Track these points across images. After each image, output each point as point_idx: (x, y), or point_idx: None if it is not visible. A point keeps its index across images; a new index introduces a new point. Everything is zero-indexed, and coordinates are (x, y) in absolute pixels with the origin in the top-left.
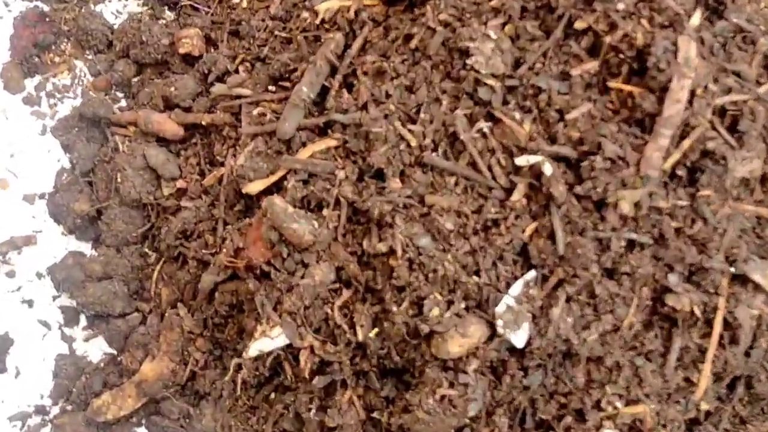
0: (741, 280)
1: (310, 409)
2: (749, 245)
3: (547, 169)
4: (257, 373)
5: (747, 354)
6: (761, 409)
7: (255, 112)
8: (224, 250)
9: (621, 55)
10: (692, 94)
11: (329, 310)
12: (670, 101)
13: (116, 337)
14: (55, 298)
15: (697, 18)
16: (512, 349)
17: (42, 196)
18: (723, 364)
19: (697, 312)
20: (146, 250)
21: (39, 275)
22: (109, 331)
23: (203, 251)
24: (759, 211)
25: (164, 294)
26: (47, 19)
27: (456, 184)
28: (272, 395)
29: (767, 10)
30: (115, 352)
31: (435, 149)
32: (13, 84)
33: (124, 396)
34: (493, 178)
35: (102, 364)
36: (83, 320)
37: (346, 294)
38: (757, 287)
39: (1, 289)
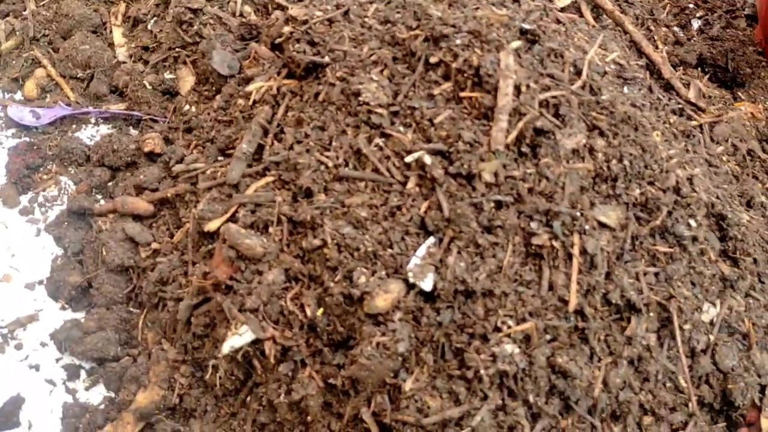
0: (589, 221)
1: (279, 394)
2: (590, 197)
3: (427, 159)
4: (232, 375)
5: (608, 276)
6: (627, 318)
7: (209, 173)
8: (195, 276)
9: (465, 75)
10: (518, 90)
11: (283, 302)
12: (500, 95)
13: (113, 379)
14: (57, 360)
15: (515, 44)
16: (426, 298)
17: (41, 282)
18: (587, 285)
19: (557, 246)
20: (131, 308)
21: (43, 344)
22: (107, 374)
23: (178, 291)
24: (586, 166)
25: (149, 337)
26: (35, 147)
27: (366, 186)
28: (248, 398)
29: (575, 39)
30: (113, 394)
31: (346, 165)
32: (10, 200)
33: (123, 424)
34: (392, 176)
35: (102, 406)
36: (83, 374)
37: (296, 287)
38: (603, 225)
39: (12, 360)
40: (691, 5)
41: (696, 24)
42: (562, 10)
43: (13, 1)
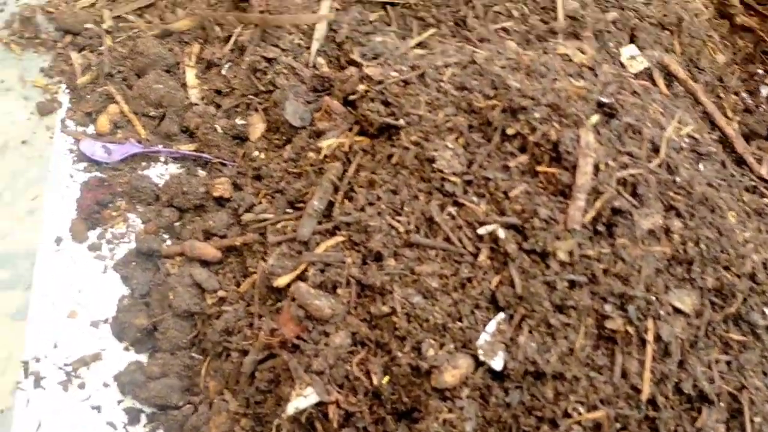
0: (664, 306)
1: None
2: (665, 281)
3: (501, 233)
4: None
5: (681, 365)
6: (698, 409)
7: (278, 226)
8: (262, 332)
9: (542, 149)
10: (597, 168)
11: (349, 367)
12: (579, 174)
13: (174, 427)
14: (119, 402)
15: (594, 119)
16: (494, 376)
17: (106, 321)
18: (660, 373)
19: (631, 331)
20: (194, 354)
21: (105, 385)
22: (167, 421)
23: (243, 343)
24: (663, 249)
25: (212, 386)
26: (105, 183)
27: (436, 255)
28: None
29: (650, 111)
30: None
31: (417, 231)
32: (79, 235)
33: None
34: (463, 246)
35: None
36: (144, 419)
37: (362, 352)
38: (678, 311)
39: (74, 399)
40: (760, 70)
41: (765, 91)
42: (635, 76)
43: (90, 35)
